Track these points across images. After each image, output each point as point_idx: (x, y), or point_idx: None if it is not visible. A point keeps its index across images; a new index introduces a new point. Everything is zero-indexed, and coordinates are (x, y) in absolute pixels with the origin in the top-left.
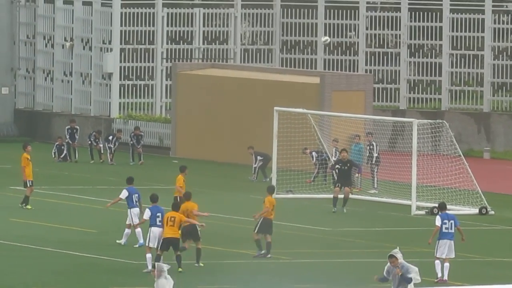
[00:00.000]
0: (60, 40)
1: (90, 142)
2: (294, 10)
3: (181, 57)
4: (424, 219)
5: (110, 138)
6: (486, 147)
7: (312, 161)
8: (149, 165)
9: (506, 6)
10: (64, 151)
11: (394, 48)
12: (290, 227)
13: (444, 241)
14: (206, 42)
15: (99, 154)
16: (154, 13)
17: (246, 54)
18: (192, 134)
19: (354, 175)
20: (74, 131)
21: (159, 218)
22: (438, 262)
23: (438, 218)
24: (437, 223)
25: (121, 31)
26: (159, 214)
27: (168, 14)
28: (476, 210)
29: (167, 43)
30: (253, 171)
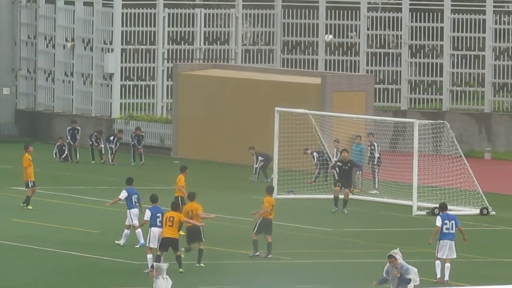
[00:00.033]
0: (61, 40)
1: (91, 143)
2: (295, 10)
3: (182, 57)
4: (425, 220)
5: (111, 138)
6: (487, 148)
7: (313, 161)
8: (150, 165)
9: (507, 7)
10: (65, 152)
11: (395, 48)
12: (291, 228)
13: (444, 241)
14: (207, 42)
15: (100, 155)
16: (155, 13)
17: (247, 54)
18: (193, 135)
19: (355, 175)
20: (75, 132)
21: (159, 219)
22: (438, 262)
23: (439, 219)
24: (437, 224)
25: (122, 32)
26: (159, 214)
27: (169, 14)
28: (477, 211)
29: (168, 44)
30: (254, 172)
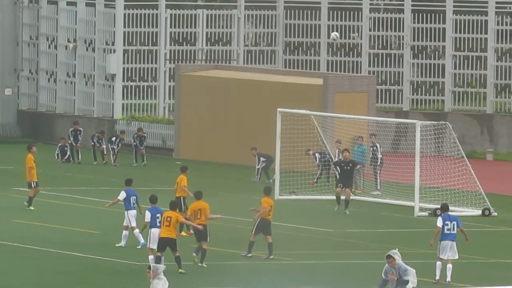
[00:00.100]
0: (63, 41)
1: (93, 143)
2: (297, 11)
3: (184, 58)
4: (427, 221)
5: (113, 139)
6: (489, 149)
7: (315, 162)
8: (152, 166)
9: (510, 8)
10: (67, 153)
11: (397, 49)
12: (293, 228)
13: (446, 242)
14: (209, 43)
15: (102, 155)
16: (157, 14)
17: (249, 55)
18: (195, 135)
19: (356, 176)
20: (78, 133)
21: (159, 219)
22: (439, 263)
23: (440, 219)
24: (438, 224)
25: (124, 32)
26: (159, 215)
27: (171, 15)
28: (479, 212)
29: (170, 44)
30: (256, 172)
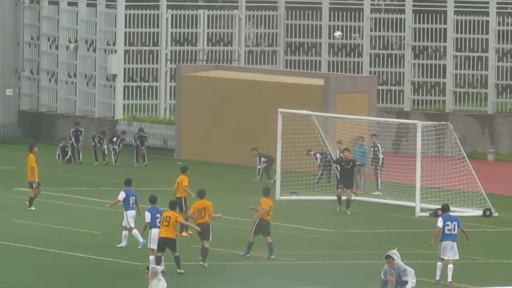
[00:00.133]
0: (64, 41)
1: (94, 144)
2: (298, 11)
3: (185, 58)
4: (428, 221)
5: (114, 139)
6: (490, 149)
7: (316, 162)
8: (153, 166)
9: (511, 8)
10: (68, 153)
11: (398, 50)
12: (294, 229)
13: (446, 242)
14: (210, 43)
15: (103, 156)
16: (158, 14)
17: (250, 55)
18: (196, 136)
19: (357, 176)
20: (79, 134)
21: (159, 219)
22: (440, 264)
23: (440, 220)
24: (438, 225)
25: (125, 33)
26: (158, 215)
27: (172, 15)
28: (480, 212)
29: (171, 45)
30: (257, 173)
